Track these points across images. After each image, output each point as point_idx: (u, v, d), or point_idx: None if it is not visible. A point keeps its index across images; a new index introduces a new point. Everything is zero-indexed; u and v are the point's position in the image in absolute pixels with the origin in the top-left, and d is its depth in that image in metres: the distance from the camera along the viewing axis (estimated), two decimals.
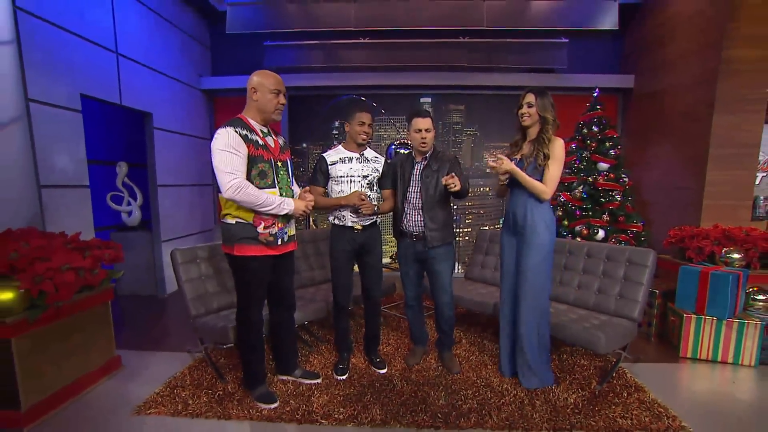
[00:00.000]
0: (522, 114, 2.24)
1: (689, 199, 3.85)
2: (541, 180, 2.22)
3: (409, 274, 2.59)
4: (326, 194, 2.49)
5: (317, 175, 2.46)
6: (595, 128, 4.12)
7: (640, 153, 4.72)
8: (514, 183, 2.30)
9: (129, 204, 4.51)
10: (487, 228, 5.47)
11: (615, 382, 2.44)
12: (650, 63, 4.55)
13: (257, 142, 1.99)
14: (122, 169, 4.45)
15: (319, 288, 3.28)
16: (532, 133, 2.28)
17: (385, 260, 4.23)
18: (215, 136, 1.91)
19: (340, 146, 2.51)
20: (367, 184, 2.46)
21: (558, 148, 2.18)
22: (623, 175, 4.01)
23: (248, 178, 1.97)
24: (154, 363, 2.75)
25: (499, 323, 2.47)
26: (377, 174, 2.51)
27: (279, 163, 2.10)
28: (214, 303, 2.69)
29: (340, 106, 5.17)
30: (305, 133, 5.36)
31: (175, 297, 4.36)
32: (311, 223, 5.23)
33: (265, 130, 2.08)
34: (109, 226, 4.54)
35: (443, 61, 4.84)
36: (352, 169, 2.43)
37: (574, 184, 4.12)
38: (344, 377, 2.51)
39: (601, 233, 3.87)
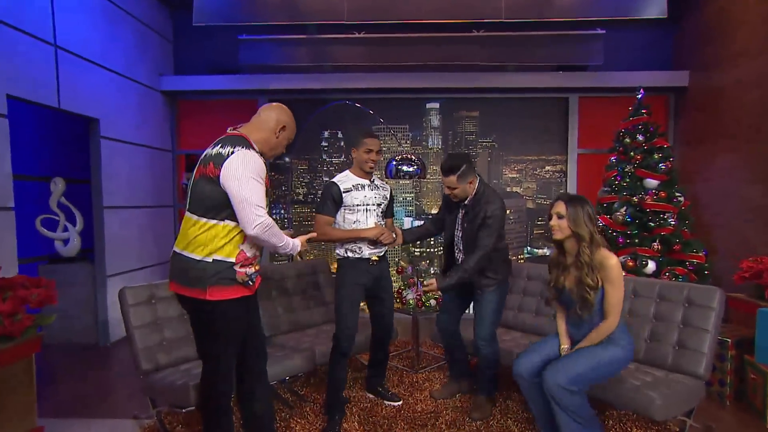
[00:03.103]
0: (551, 226, 2.27)
1: (766, 221, 3.82)
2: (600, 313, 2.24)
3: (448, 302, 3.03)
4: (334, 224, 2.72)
5: (328, 204, 2.65)
6: (640, 137, 4.14)
7: (698, 166, 4.74)
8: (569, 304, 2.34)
9: (65, 230, 4.47)
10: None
11: None
12: (711, 56, 4.60)
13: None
14: (58, 186, 4.43)
15: (304, 333, 3.28)
16: (571, 250, 2.27)
17: None
18: (240, 157, 1.89)
19: (348, 172, 2.75)
20: (380, 212, 2.77)
21: (612, 270, 2.16)
22: (677, 194, 4.01)
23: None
24: None
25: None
26: (386, 202, 2.82)
27: (269, 193, 2.15)
28: (173, 354, 2.66)
29: (330, 113, 5.22)
30: (287, 145, 5.37)
31: (122, 346, 4.27)
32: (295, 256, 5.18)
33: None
34: (38, 257, 4.49)
35: (453, 59, 4.93)
36: (366, 197, 2.70)
37: (616, 206, 4.11)
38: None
39: (651, 266, 3.83)
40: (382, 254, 2.79)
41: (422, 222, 4.66)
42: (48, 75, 3.64)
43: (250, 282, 2.05)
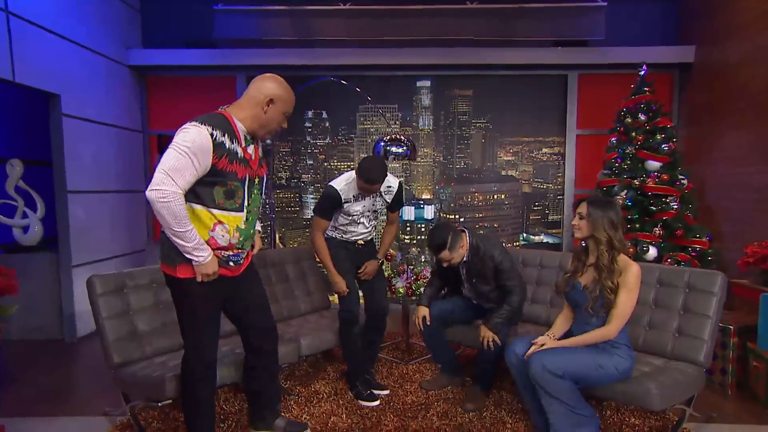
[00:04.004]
0: (573, 225, 2.42)
1: None
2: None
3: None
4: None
5: (326, 209, 2.89)
6: (642, 116, 4.17)
7: (703, 147, 4.78)
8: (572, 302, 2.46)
9: (25, 216, 4.41)
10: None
11: None
12: (718, 29, 4.61)
13: (235, 153, 2.00)
14: (15, 169, 4.34)
15: (288, 324, 3.32)
16: (592, 249, 2.38)
17: None
18: (183, 128, 1.92)
19: (352, 176, 2.85)
20: (374, 216, 3.07)
21: (631, 277, 2.27)
22: (680, 176, 4.05)
23: (209, 195, 1.98)
24: None
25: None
26: (386, 205, 3.05)
27: (256, 180, 2.15)
28: (147, 346, 2.66)
29: (314, 92, 5.17)
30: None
31: (90, 342, 4.24)
32: (277, 241, 5.17)
33: (249, 138, 2.12)
34: None
35: (445, 33, 4.90)
36: (365, 207, 2.94)
37: (616, 189, 4.17)
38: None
39: (652, 251, 3.89)
40: (369, 239, 3.12)
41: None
42: (0, 44, 3.54)
43: (230, 263, 2.09)
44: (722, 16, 4.56)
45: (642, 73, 4.27)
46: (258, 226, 2.32)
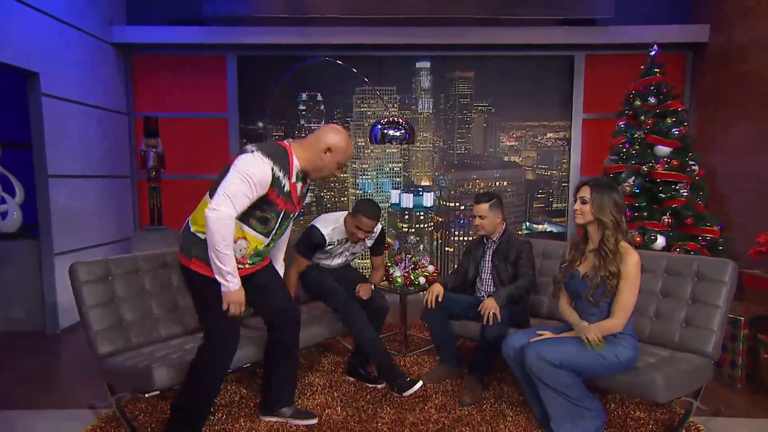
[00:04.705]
0: (574, 210, 2.41)
1: None
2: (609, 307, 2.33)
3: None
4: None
5: (308, 248, 3.10)
6: (652, 99, 4.17)
7: (716, 132, 4.78)
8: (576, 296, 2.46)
9: (3, 202, 4.40)
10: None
11: None
12: (735, 6, 4.59)
13: (284, 189, 2.25)
14: None
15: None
16: (593, 235, 2.38)
17: None
18: (248, 156, 2.15)
19: (340, 219, 3.10)
20: (352, 256, 3.35)
21: (631, 266, 2.27)
22: (691, 162, 4.06)
23: (247, 212, 2.20)
24: (39, 427, 2.65)
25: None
26: (367, 249, 3.36)
27: (291, 214, 2.42)
28: (133, 336, 2.66)
29: (308, 72, 5.15)
30: (260, 108, 5.33)
31: (74, 334, 4.24)
32: None
33: (300, 175, 2.36)
34: None
35: (446, 12, 4.87)
36: (345, 249, 3.23)
37: (623, 176, 4.17)
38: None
39: (660, 241, 3.90)
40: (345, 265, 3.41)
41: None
42: None
43: (240, 266, 2.28)
44: None
45: (653, 53, 4.24)
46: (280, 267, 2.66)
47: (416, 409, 2.76)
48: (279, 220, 2.31)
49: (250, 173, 2.10)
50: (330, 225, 3.08)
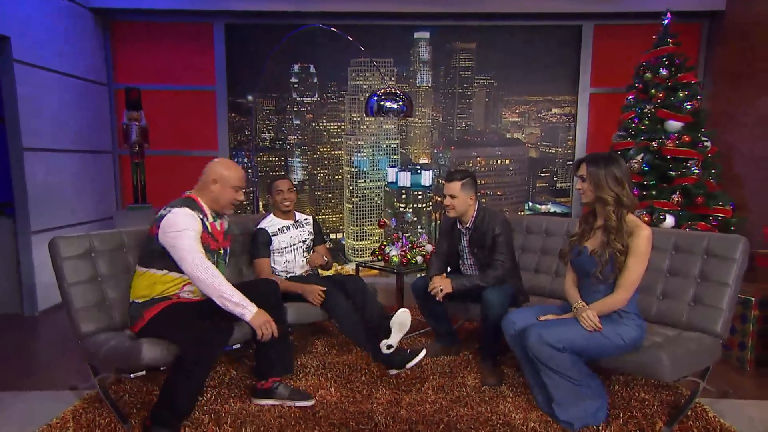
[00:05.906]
0: (577, 189, 2.44)
1: None
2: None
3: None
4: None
5: (261, 248, 3.24)
6: (663, 71, 4.15)
7: (731, 107, 4.76)
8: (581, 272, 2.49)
9: None
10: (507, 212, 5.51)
11: (691, 423, 2.46)
12: None
13: (208, 229, 2.54)
14: None
15: None
16: (600, 212, 2.39)
17: (366, 258, 4.29)
18: (170, 216, 2.41)
19: (271, 216, 3.37)
20: (306, 248, 3.43)
21: (641, 241, 2.27)
22: (703, 138, 4.06)
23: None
24: (17, 409, 2.67)
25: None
26: (311, 236, 3.49)
27: (220, 251, 2.64)
28: (117, 315, 2.64)
29: (301, 42, 5.11)
30: (250, 80, 5.29)
31: (54, 315, 4.27)
32: (260, 208, 5.17)
33: (214, 214, 2.63)
34: None
35: None
36: (292, 238, 3.36)
37: (632, 153, 4.17)
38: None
39: (669, 220, 3.93)
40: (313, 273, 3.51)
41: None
42: None
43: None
44: None
45: (665, 21, 4.21)
46: None
47: (413, 390, 2.79)
48: (215, 259, 2.55)
49: (184, 226, 2.38)
50: (264, 222, 3.31)
